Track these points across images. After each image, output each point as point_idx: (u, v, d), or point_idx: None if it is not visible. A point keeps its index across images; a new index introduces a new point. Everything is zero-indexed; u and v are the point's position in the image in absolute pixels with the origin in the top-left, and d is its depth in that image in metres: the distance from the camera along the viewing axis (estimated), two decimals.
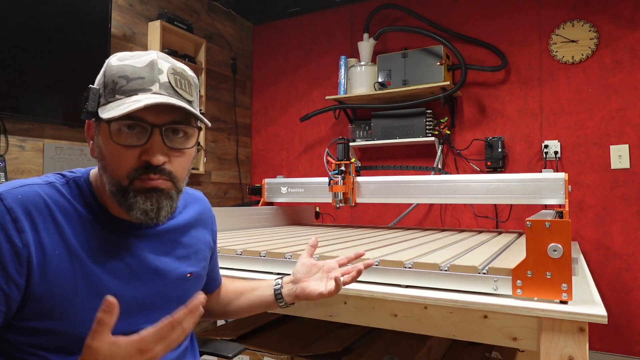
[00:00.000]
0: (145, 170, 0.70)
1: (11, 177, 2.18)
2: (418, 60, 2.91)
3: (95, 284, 0.71)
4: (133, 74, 0.70)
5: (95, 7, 2.49)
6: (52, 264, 0.68)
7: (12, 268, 0.65)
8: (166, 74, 0.72)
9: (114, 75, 0.71)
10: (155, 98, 0.68)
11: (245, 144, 3.80)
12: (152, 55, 0.73)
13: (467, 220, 2.99)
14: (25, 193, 0.69)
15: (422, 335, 0.99)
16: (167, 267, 0.82)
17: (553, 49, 2.77)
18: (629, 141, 2.57)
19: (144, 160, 0.70)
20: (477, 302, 0.88)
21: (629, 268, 2.53)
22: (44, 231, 0.68)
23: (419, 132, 2.93)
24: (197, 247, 0.90)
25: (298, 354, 1.42)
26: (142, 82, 0.70)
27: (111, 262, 0.74)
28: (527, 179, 1.76)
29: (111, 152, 0.71)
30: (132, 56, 0.73)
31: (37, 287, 0.67)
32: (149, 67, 0.71)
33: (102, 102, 0.71)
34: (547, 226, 0.84)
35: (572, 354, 0.80)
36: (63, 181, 0.75)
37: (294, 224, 2.40)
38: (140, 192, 0.71)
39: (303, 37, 3.64)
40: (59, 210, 0.71)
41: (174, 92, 0.72)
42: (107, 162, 0.72)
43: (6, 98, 2.12)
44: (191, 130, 0.75)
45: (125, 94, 0.69)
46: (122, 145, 0.70)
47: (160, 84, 0.71)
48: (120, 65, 0.71)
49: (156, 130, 0.70)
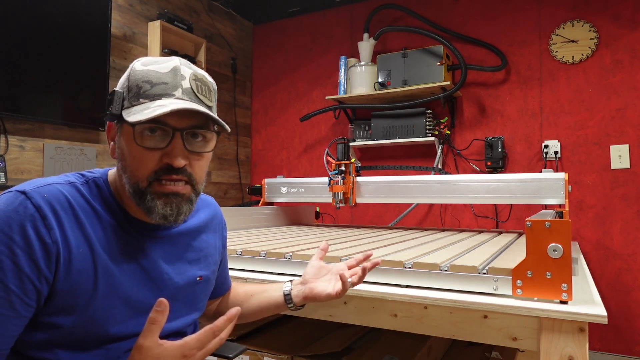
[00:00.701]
0: (165, 172, 0.73)
1: (11, 177, 2.18)
2: (418, 60, 2.91)
3: (114, 283, 0.73)
4: (157, 79, 0.72)
5: (95, 7, 2.49)
6: (76, 262, 0.70)
7: (43, 264, 0.67)
8: (188, 80, 0.74)
9: (138, 79, 0.73)
10: (179, 103, 0.71)
11: (245, 144, 3.80)
12: (175, 61, 0.75)
13: (467, 220, 2.99)
14: (50, 192, 0.70)
15: (422, 335, 0.99)
16: (178, 270, 0.84)
17: (553, 49, 2.77)
18: (629, 141, 2.57)
19: (165, 163, 0.72)
20: (477, 302, 0.88)
21: (629, 268, 2.53)
22: (69, 229, 0.70)
23: (419, 132, 2.93)
24: (207, 251, 0.91)
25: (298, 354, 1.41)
26: (166, 87, 0.72)
27: (127, 264, 0.76)
28: (527, 179, 1.76)
29: (133, 154, 0.73)
30: (155, 62, 0.75)
31: (61, 284, 0.68)
32: (172, 72, 0.73)
33: (126, 105, 0.73)
34: (547, 226, 0.84)
35: (572, 354, 0.80)
36: (83, 181, 0.77)
37: (294, 224, 2.40)
38: (159, 196, 0.73)
39: (303, 37, 3.64)
40: (80, 209, 0.73)
41: (196, 98, 0.74)
42: (127, 163, 0.74)
43: (6, 98, 2.12)
44: (210, 135, 0.77)
45: (150, 98, 0.72)
46: (145, 147, 0.72)
47: (182, 90, 0.73)
48: (144, 70, 0.73)
49: (177, 133, 0.72)
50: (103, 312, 0.72)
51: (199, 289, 0.88)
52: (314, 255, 1.00)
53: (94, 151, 2.56)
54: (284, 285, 0.98)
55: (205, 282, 0.90)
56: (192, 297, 0.87)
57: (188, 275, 0.85)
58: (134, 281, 0.76)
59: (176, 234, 0.85)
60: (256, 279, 1.13)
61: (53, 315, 0.69)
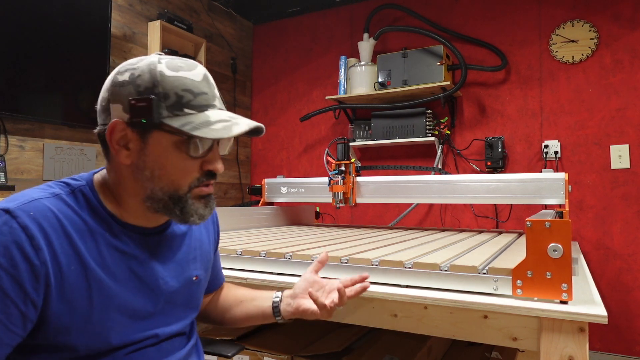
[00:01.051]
0: (207, 177, 0.75)
1: (11, 177, 2.18)
2: (418, 60, 2.91)
3: (109, 295, 0.72)
4: (196, 88, 0.73)
5: (95, 7, 2.49)
6: (68, 280, 0.68)
7: (30, 287, 0.64)
8: (215, 87, 0.77)
9: (176, 87, 0.71)
10: (236, 119, 0.73)
11: (245, 144, 3.80)
12: (202, 68, 0.76)
13: (467, 220, 2.99)
14: (37, 208, 0.67)
15: (422, 335, 0.99)
16: (173, 273, 0.83)
17: (553, 49, 2.77)
18: (629, 141, 2.57)
19: (207, 170, 0.75)
20: (477, 302, 0.88)
21: (629, 268, 2.53)
22: (58, 247, 0.67)
23: (419, 132, 2.93)
24: (202, 248, 0.91)
25: (298, 354, 1.41)
26: (207, 98, 0.74)
27: (121, 273, 0.74)
28: (527, 179, 1.76)
29: (174, 163, 0.72)
30: (181, 67, 0.73)
31: (55, 305, 0.66)
32: (205, 81, 0.75)
33: (166, 114, 0.70)
34: (547, 226, 0.84)
35: (572, 354, 0.80)
36: (68, 191, 0.74)
37: (294, 224, 2.40)
38: (198, 199, 0.75)
39: (303, 37, 3.64)
40: (69, 223, 0.70)
41: (223, 104, 0.78)
42: (165, 173, 0.72)
43: (6, 98, 2.12)
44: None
45: (196, 109, 0.72)
46: (192, 157, 0.73)
47: (217, 99, 0.76)
48: (177, 76, 0.71)
49: (216, 141, 0.75)
50: (101, 325, 0.71)
51: (195, 289, 0.88)
52: (310, 267, 0.96)
53: (94, 151, 2.56)
54: (274, 296, 0.96)
55: (201, 281, 0.90)
56: (189, 298, 0.86)
57: (184, 277, 0.84)
58: (129, 290, 0.75)
59: (170, 235, 0.83)
60: (256, 279, 1.13)
61: (52, 337, 0.68)
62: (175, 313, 0.83)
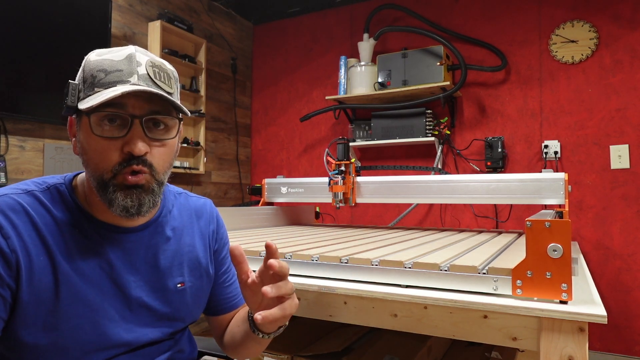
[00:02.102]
0: (128, 162, 0.70)
1: (11, 177, 2.18)
2: (418, 60, 2.91)
3: (77, 291, 0.70)
4: (111, 67, 0.70)
5: (95, 7, 2.49)
6: (36, 270, 0.68)
7: (4, 272, 0.65)
8: (144, 66, 0.72)
9: (92, 69, 0.71)
10: (133, 87, 0.68)
11: (245, 144, 3.80)
12: (131, 49, 0.73)
13: (467, 220, 2.99)
14: (4, 202, 0.68)
15: (422, 335, 0.99)
16: (148, 277, 0.79)
17: (553, 49, 2.78)
18: (629, 141, 2.57)
19: (127, 152, 0.69)
20: (477, 302, 0.88)
21: (629, 268, 2.53)
22: (27, 238, 0.68)
23: (419, 132, 2.93)
24: (191, 254, 0.86)
25: (298, 354, 1.42)
26: (121, 75, 0.70)
27: (91, 271, 0.72)
28: (527, 179, 1.76)
29: (93, 146, 0.70)
30: (110, 51, 0.73)
31: (24, 293, 0.67)
32: (127, 60, 0.71)
33: (82, 96, 0.71)
34: (547, 226, 0.84)
35: (572, 354, 0.80)
36: (43, 188, 0.74)
37: (294, 224, 2.40)
38: (120, 188, 0.70)
39: (303, 37, 3.64)
40: (38, 217, 0.70)
41: (153, 84, 0.71)
42: (89, 157, 0.71)
43: (6, 98, 2.12)
44: (172, 122, 0.74)
45: (104, 86, 0.69)
46: (103, 137, 0.69)
47: (139, 76, 0.71)
48: (98, 59, 0.72)
49: (136, 120, 0.70)
50: (69, 320, 0.69)
51: (179, 297, 0.83)
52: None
53: None
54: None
55: (189, 290, 0.84)
56: (168, 305, 0.81)
57: (164, 283, 0.80)
58: (99, 289, 0.73)
59: (151, 236, 0.80)
60: None
61: (16, 329, 0.67)
62: (146, 318, 0.78)
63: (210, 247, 0.92)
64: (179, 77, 1.82)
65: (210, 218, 0.94)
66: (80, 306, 0.70)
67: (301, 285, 1.05)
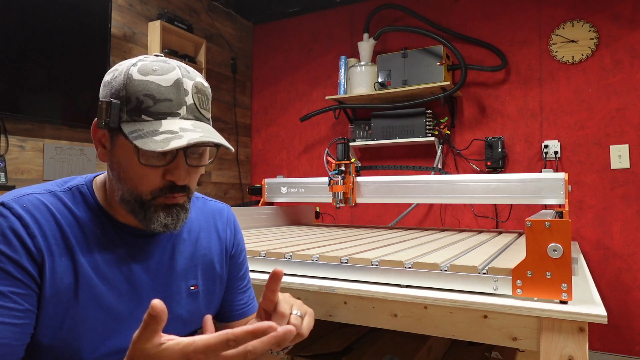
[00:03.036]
0: (170, 190, 0.71)
1: (11, 177, 2.18)
2: (418, 60, 2.91)
3: (95, 294, 0.71)
4: (159, 94, 0.68)
5: (95, 7, 2.49)
6: (58, 270, 0.68)
7: (33, 270, 0.66)
8: (191, 94, 0.71)
9: (138, 92, 0.68)
10: (189, 130, 0.68)
11: (245, 144, 3.80)
12: (177, 72, 0.70)
13: (467, 220, 2.99)
14: (30, 201, 0.69)
15: (422, 335, 0.99)
16: (165, 280, 0.80)
17: (553, 49, 2.77)
18: (629, 141, 2.57)
19: (169, 181, 0.71)
20: (477, 302, 0.88)
21: (629, 268, 2.53)
22: (51, 238, 0.68)
23: (419, 132, 2.93)
24: (206, 258, 0.87)
25: (298, 354, 1.41)
26: (170, 105, 0.68)
27: (110, 273, 0.73)
28: (527, 179, 1.76)
29: (134, 170, 0.70)
30: (154, 70, 0.69)
31: (46, 292, 0.67)
32: (175, 87, 0.69)
33: (125, 118, 0.68)
34: (547, 226, 0.84)
35: (572, 354, 0.80)
36: (65, 188, 0.75)
37: (294, 224, 2.40)
38: (162, 208, 0.72)
39: (303, 37, 3.64)
40: (62, 217, 0.71)
41: (199, 114, 0.72)
42: (127, 177, 0.71)
43: (6, 98, 2.12)
44: (210, 149, 0.76)
45: (154, 116, 0.68)
46: (148, 166, 0.69)
47: (187, 107, 0.70)
48: (143, 81, 0.68)
49: (181, 152, 0.70)
50: (87, 323, 0.70)
51: (192, 300, 0.83)
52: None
53: (94, 151, 2.56)
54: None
55: (202, 294, 0.85)
56: (181, 308, 0.81)
57: (180, 284, 0.81)
58: (116, 291, 0.73)
59: (165, 240, 0.81)
60: (256, 279, 1.13)
61: (43, 330, 0.67)
62: (172, 327, 0.78)
63: (226, 251, 0.92)
64: None
65: (227, 223, 0.94)
66: (98, 308, 0.71)
67: (301, 285, 1.05)
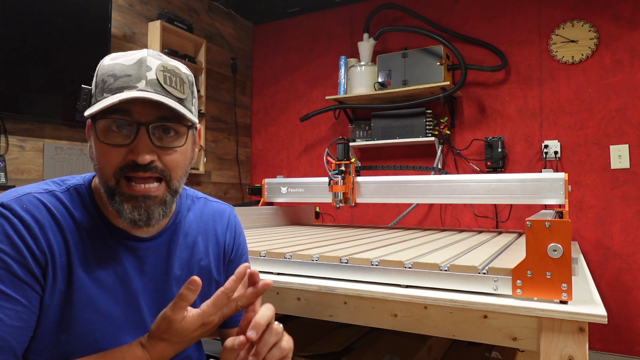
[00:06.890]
0: (132, 169, 0.68)
1: (11, 177, 2.18)
2: (418, 60, 2.91)
3: (89, 296, 0.70)
4: (121, 71, 0.68)
5: (95, 7, 2.49)
6: (59, 271, 0.68)
7: (37, 272, 0.65)
8: (155, 71, 0.69)
9: (104, 74, 0.69)
10: (136, 94, 0.66)
11: (245, 144, 3.80)
12: (143, 52, 0.71)
13: (467, 220, 2.99)
14: (29, 201, 0.68)
15: (422, 335, 0.99)
16: (160, 285, 0.78)
17: (553, 49, 2.77)
18: (629, 141, 2.57)
19: (130, 160, 0.68)
20: (477, 302, 0.88)
21: (629, 268, 2.53)
22: (52, 238, 0.68)
23: (419, 132, 2.93)
24: (201, 262, 0.85)
25: (298, 354, 1.41)
26: (129, 80, 0.68)
27: (104, 276, 0.72)
28: (527, 179, 1.76)
29: (99, 152, 0.69)
30: (124, 55, 0.71)
31: (47, 295, 0.67)
32: (137, 64, 0.69)
33: (93, 102, 0.70)
34: (547, 226, 0.84)
35: (572, 354, 0.80)
36: (63, 188, 0.73)
37: (294, 224, 2.40)
38: (127, 199, 0.69)
39: (303, 37, 3.64)
40: (61, 217, 0.70)
41: (162, 90, 0.69)
42: (96, 162, 0.70)
43: (6, 98, 2.12)
44: (182, 129, 0.72)
45: (112, 92, 0.67)
46: (108, 144, 0.68)
47: (147, 81, 0.68)
48: (110, 64, 0.70)
49: (142, 128, 0.68)
50: (84, 324, 0.69)
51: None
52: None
53: None
54: None
55: (197, 299, 0.82)
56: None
57: (173, 290, 0.79)
58: (111, 295, 0.72)
59: (161, 245, 0.79)
60: None
61: (43, 329, 0.67)
62: None
63: (224, 256, 0.90)
64: None
65: (228, 226, 0.92)
66: (92, 312, 0.70)
67: (301, 285, 1.05)
